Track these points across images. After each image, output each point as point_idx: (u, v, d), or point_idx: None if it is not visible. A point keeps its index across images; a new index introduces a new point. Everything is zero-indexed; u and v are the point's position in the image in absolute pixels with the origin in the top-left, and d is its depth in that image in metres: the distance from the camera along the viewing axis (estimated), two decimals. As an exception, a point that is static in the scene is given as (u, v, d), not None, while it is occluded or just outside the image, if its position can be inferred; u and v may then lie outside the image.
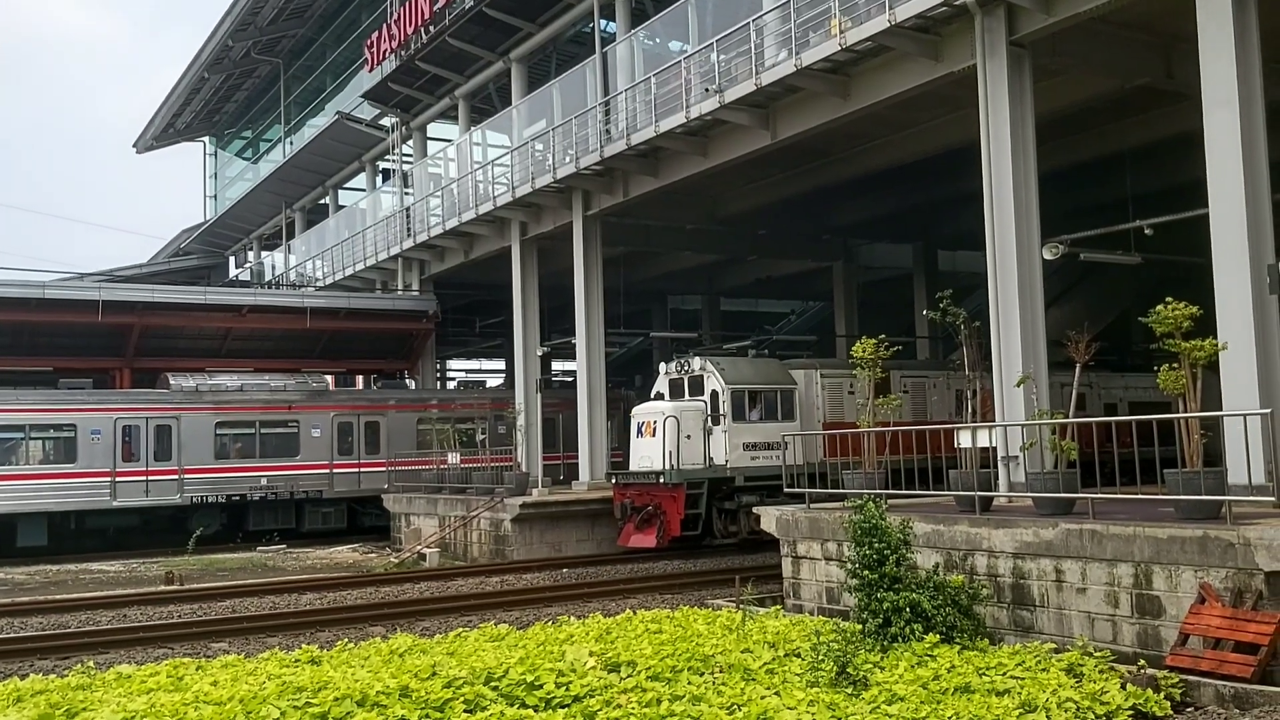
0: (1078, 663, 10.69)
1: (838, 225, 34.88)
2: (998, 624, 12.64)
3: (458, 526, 27.02)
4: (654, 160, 25.80)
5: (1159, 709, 9.61)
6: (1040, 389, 15.89)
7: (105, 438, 29.95)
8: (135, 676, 11.63)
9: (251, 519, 31.97)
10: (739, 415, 23.88)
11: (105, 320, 32.35)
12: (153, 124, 57.35)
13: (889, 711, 9.25)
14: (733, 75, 21.61)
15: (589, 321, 28.90)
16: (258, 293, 41.95)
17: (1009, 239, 16.84)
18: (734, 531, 24.13)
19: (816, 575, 15.30)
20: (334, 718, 9.17)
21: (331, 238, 44.66)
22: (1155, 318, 12.34)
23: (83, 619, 18.26)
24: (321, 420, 32.96)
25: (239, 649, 14.86)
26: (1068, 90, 20.29)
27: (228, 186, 61.61)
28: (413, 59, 34.63)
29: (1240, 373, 13.59)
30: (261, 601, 19.89)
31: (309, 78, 50.78)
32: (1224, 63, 14.19)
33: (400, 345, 38.48)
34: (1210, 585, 10.63)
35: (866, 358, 16.64)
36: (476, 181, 32.14)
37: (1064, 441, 13.44)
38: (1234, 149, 14.03)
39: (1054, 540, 12.15)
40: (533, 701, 9.90)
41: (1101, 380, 28.81)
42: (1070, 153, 24.64)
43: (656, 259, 37.63)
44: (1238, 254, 13.87)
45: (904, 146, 25.28)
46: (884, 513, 12.71)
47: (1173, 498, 11.83)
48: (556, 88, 30.03)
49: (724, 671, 10.88)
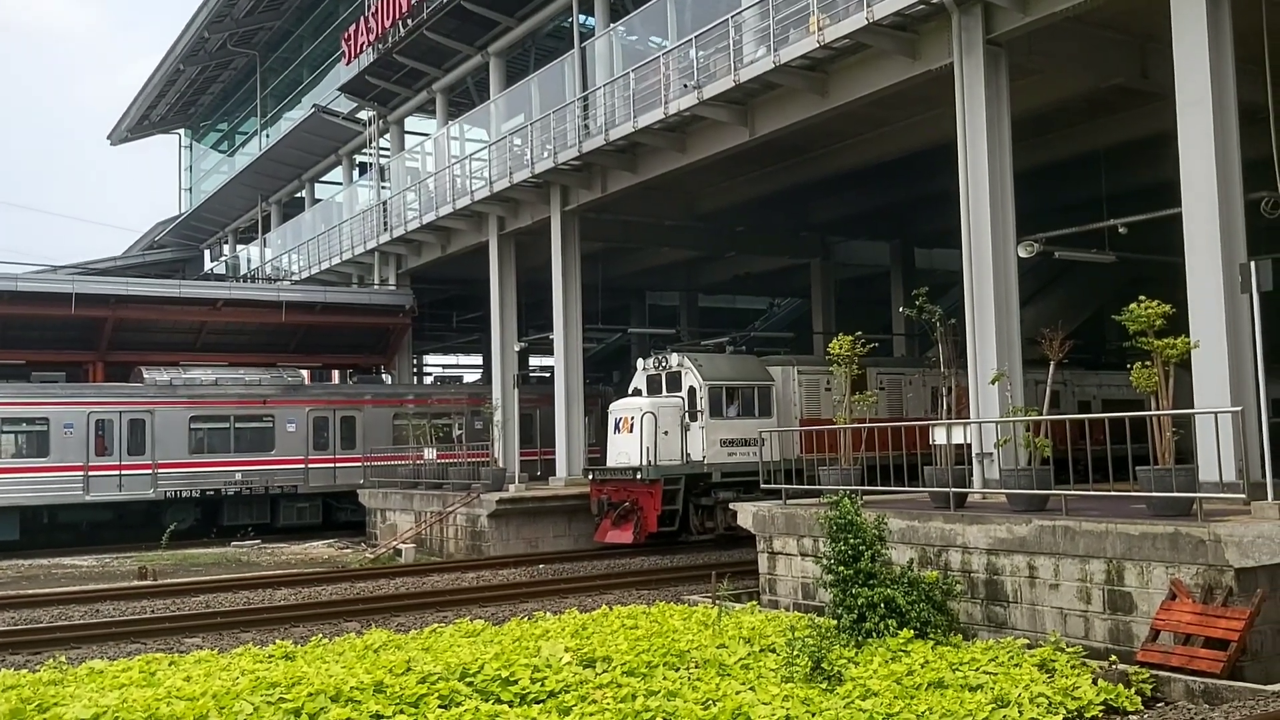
0: (1050, 658, 10.78)
1: (816, 222, 34.97)
2: (971, 620, 12.72)
3: (434, 522, 26.95)
4: (632, 156, 25.79)
5: (1130, 704, 9.71)
6: (1015, 386, 15.99)
7: (78, 431, 29.73)
8: (108, 672, 11.57)
9: (226, 514, 31.88)
10: (716, 411, 23.91)
11: (78, 313, 32.11)
12: (127, 116, 56.81)
13: (863, 707, 9.30)
14: (711, 71, 21.63)
15: (567, 317, 28.88)
16: (233, 286, 41.65)
17: (985, 237, 16.94)
18: (710, 527, 24.20)
19: (792, 571, 15.36)
20: (308, 713, 9.14)
21: (308, 231, 44.38)
22: (1128, 316, 12.45)
23: (55, 614, 18.13)
24: (297, 415, 32.82)
25: (212, 644, 14.78)
26: (1044, 89, 20.41)
27: (203, 179, 61.13)
28: (390, 52, 34.46)
29: (1212, 371, 13.72)
30: (235, 597, 19.79)
31: (285, 70, 50.42)
32: (1198, 63, 14.31)
33: (377, 340, 38.33)
34: (1181, 581, 10.73)
35: (843, 354, 16.71)
36: (454, 176, 32.03)
37: (1038, 438, 13.56)
38: (1207, 149, 14.15)
39: (1027, 536, 12.24)
40: (508, 697, 9.91)
41: (1075, 378, 29.01)
42: (1046, 151, 24.79)
43: (635, 255, 37.62)
44: (1210, 253, 14.00)
45: (882, 144, 25.38)
46: (859, 509, 12.78)
47: (1145, 495, 11.94)
48: (535, 82, 29.93)
49: (699, 667, 10.91)
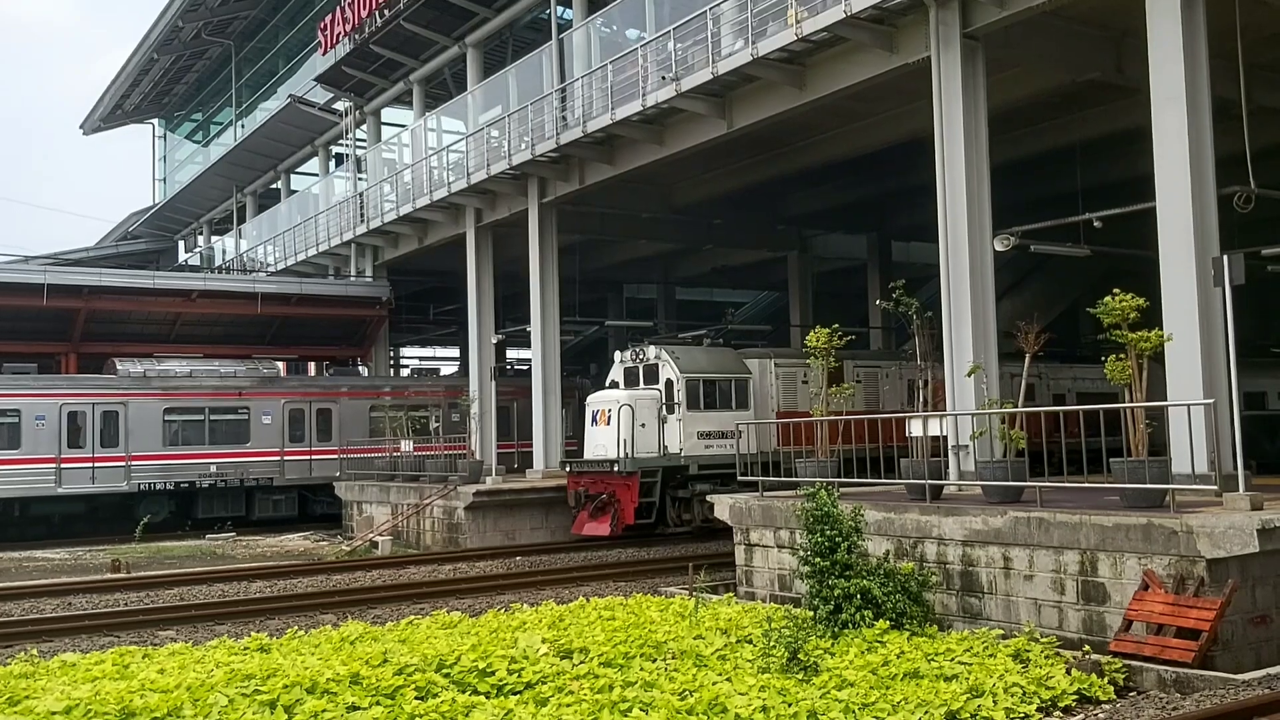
0: (1024, 648, 10.85)
1: (793, 216, 35.05)
2: (947, 611, 12.80)
3: (410, 514, 26.87)
4: (610, 148, 25.76)
5: (1103, 693, 9.79)
6: (990, 379, 16.09)
7: (50, 423, 29.46)
8: (80, 665, 11.47)
9: (201, 506, 31.66)
10: (693, 404, 23.93)
11: (50, 304, 31.81)
12: (100, 105, 56.26)
13: (839, 697, 9.34)
14: (689, 64, 21.61)
15: (544, 309, 28.83)
16: (208, 277, 41.34)
17: (961, 230, 17.01)
18: (688, 520, 24.23)
19: (769, 563, 15.40)
20: (284, 705, 9.10)
21: (283, 222, 44.12)
22: (1103, 309, 12.53)
23: (27, 607, 17.96)
24: (273, 407, 32.63)
25: (187, 637, 14.69)
26: (1020, 83, 20.52)
27: (177, 170, 60.65)
28: (366, 43, 34.25)
29: (1185, 363, 13.84)
30: (210, 589, 19.66)
31: (261, 60, 50.08)
32: (1172, 58, 14.42)
33: (353, 332, 38.16)
34: (1154, 572, 10.83)
35: (820, 347, 16.75)
36: (431, 167, 31.91)
37: (1013, 431, 13.63)
38: (1181, 144, 14.26)
39: (1002, 528, 12.31)
40: (485, 688, 9.90)
41: (1050, 371, 29.17)
42: (1022, 145, 24.93)
43: (612, 247, 37.61)
44: (1184, 247, 14.11)
45: (859, 138, 25.46)
46: (836, 501, 12.81)
47: (1118, 486, 12.04)
48: (512, 74, 29.84)
49: (676, 658, 10.93)
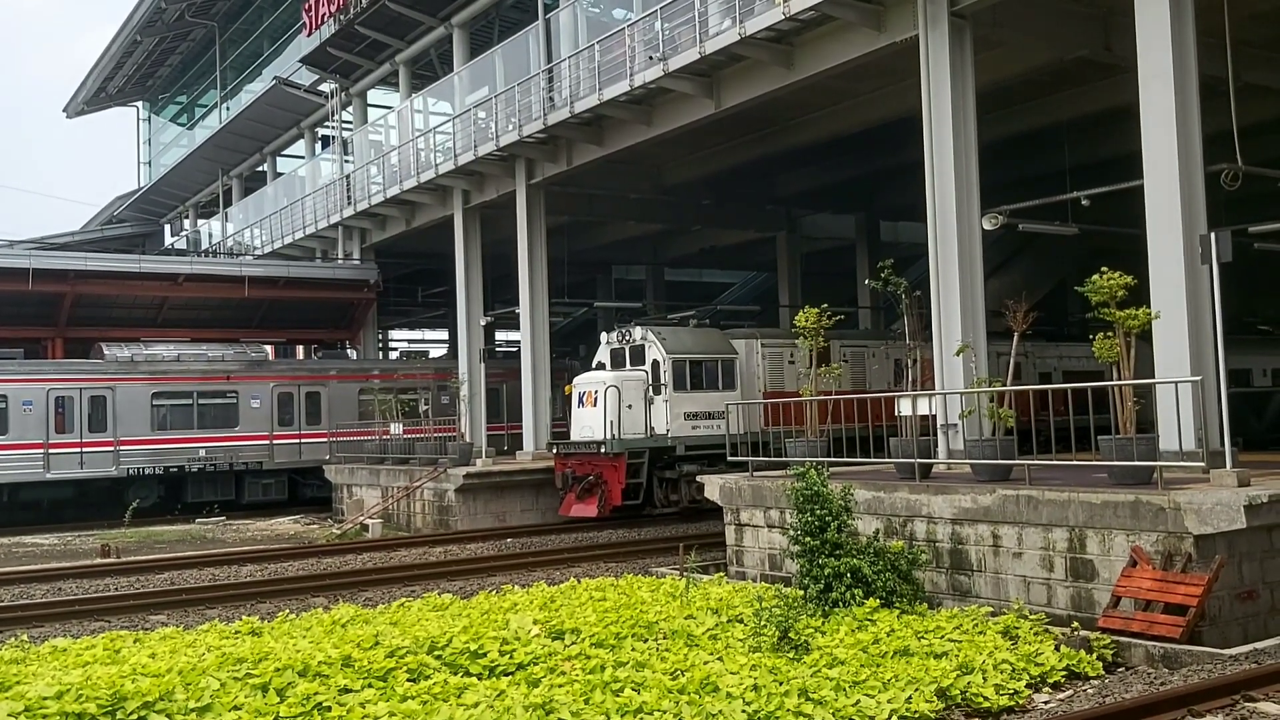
0: (1013, 625, 10.91)
1: (782, 196, 34.99)
2: (936, 588, 12.86)
3: (401, 497, 26.87)
4: (598, 129, 25.67)
5: (1091, 669, 9.86)
6: (979, 358, 16.12)
7: (37, 409, 29.33)
8: (71, 650, 11.46)
9: (190, 491, 31.59)
10: (680, 385, 23.94)
11: (36, 288, 31.64)
12: (84, 88, 55.76)
13: (830, 675, 9.38)
14: (676, 44, 21.54)
15: (533, 291, 28.78)
16: (194, 261, 41.11)
17: (949, 209, 17.02)
18: (675, 500, 24.29)
19: (759, 542, 15.45)
20: (275, 688, 9.10)
21: (270, 205, 43.93)
22: (1091, 287, 12.56)
23: (16, 593, 17.92)
24: (261, 390, 32.54)
25: (178, 621, 14.69)
26: (1008, 62, 20.46)
27: (162, 153, 60.22)
28: (352, 23, 34.00)
29: (1172, 341, 13.90)
30: (200, 573, 19.64)
31: (245, 42, 49.66)
32: (1160, 36, 14.43)
33: (341, 315, 38.05)
34: (1141, 549, 10.89)
35: (808, 327, 16.76)
36: (418, 149, 31.75)
37: (1002, 409, 13.68)
38: (1168, 122, 14.28)
39: (991, 506, 12.36)
40: (476, 670, 9.91)
41: (1038, 349, 29.26)
42: (1010, 124, 24.89)
43: (601, 229, 37.50)
44: (1171, 225, 14.15)
45: (847, 117, 25.40)
46: (825, 480, 12.84)
47: (1106, 464, 12.09)
48: (499, 54, 29.69)
49: (667, 638, 10.96)
